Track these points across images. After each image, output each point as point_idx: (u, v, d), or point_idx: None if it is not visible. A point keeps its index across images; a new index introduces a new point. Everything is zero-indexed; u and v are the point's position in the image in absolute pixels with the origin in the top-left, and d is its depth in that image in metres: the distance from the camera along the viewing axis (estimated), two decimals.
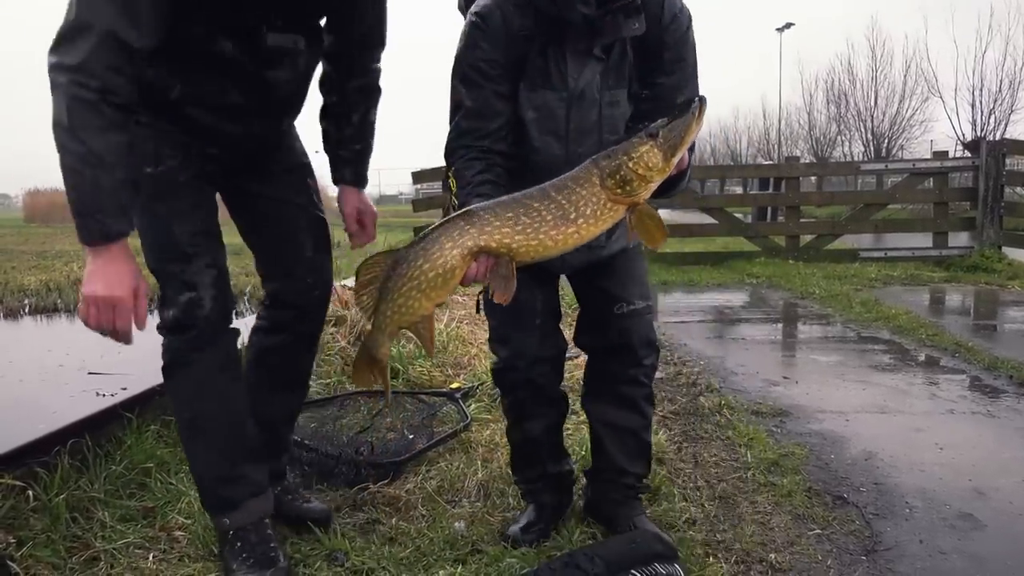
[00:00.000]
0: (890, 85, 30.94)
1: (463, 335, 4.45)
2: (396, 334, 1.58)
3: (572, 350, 2.19)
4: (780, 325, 5.89)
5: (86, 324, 1.53)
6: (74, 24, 1.45)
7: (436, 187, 10.18)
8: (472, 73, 1.77)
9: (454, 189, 1.78)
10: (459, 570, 1.79)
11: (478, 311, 1.98)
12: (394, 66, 2.20)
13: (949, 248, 9.07)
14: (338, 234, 2.21)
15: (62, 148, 1.48)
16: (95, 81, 1.44)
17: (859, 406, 3.43)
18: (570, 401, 2.15)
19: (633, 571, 1.66)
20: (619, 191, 1.50)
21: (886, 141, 31.62)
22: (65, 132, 1.47)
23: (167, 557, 1.90)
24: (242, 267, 6.21)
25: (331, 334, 3.68)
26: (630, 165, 1.49)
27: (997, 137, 19.54)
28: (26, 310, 7.97)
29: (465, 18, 1.95)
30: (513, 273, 1.52)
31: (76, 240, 1.49)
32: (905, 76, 29.86)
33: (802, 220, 10.02)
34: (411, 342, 4.30)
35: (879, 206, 9.86)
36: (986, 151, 8.79)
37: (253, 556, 1.77)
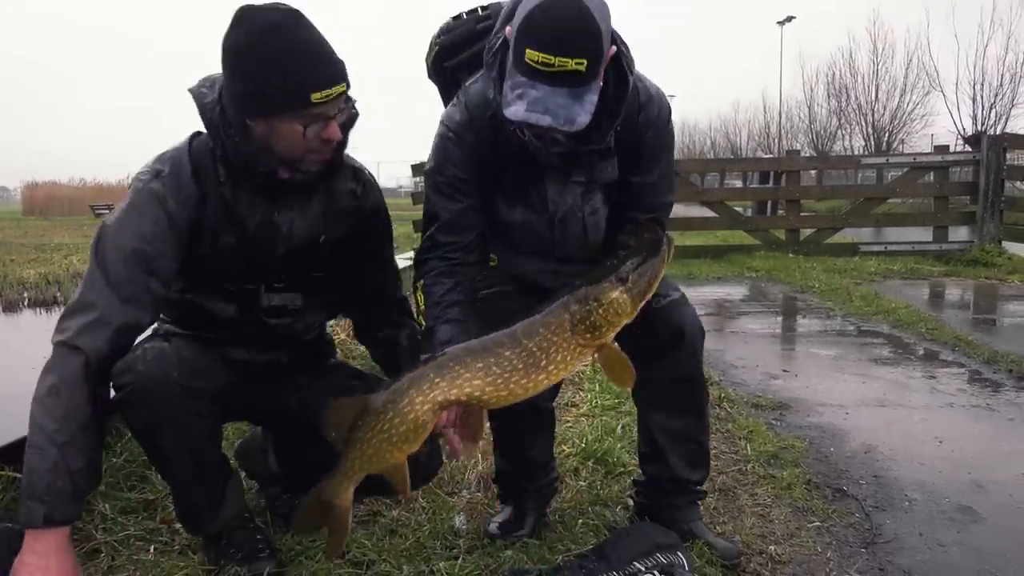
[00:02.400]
0: (891, 79, 30.98)
1: None
2: (361, 479, 1.52)
3: None
4: (780, 318, 5.90)
5: None
6: (79, 305, 1.56)
7: None
8: (446, 187, 1.72)
9: (421, 307, 1.73)
10: (459, 562, 1.79)
11: None
12: (392, 59, 2.17)
13: (949, 242, 9.08)
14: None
15: (33, 423, 1.50)
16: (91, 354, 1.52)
17: (859, 399, 3.43)
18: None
19: (636, 563, 1.66)
20: (588, 335, 1.49)
21: (887, 135, 31.62)
22: (41, 406, 1.50)
23: (168, 550, 1.89)
24: None
25: (330, 327, 3.67)
26: (600, 312, 1.48)
27: (998, 131, 19.55)
28: (25, 303, 7.96)
29: (439, 92, 1.96)
30: (483, 422, 1.50)
31: (74, 233, 1.49)
32: (906, 70, 29.90)
33: (802, 214, 10.01)
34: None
35: (879, 200, 9.85)
36: (987, 145, 8.79)
37: (241, 551, 1.77)
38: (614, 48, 1.54)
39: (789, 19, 36.96)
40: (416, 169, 9.45)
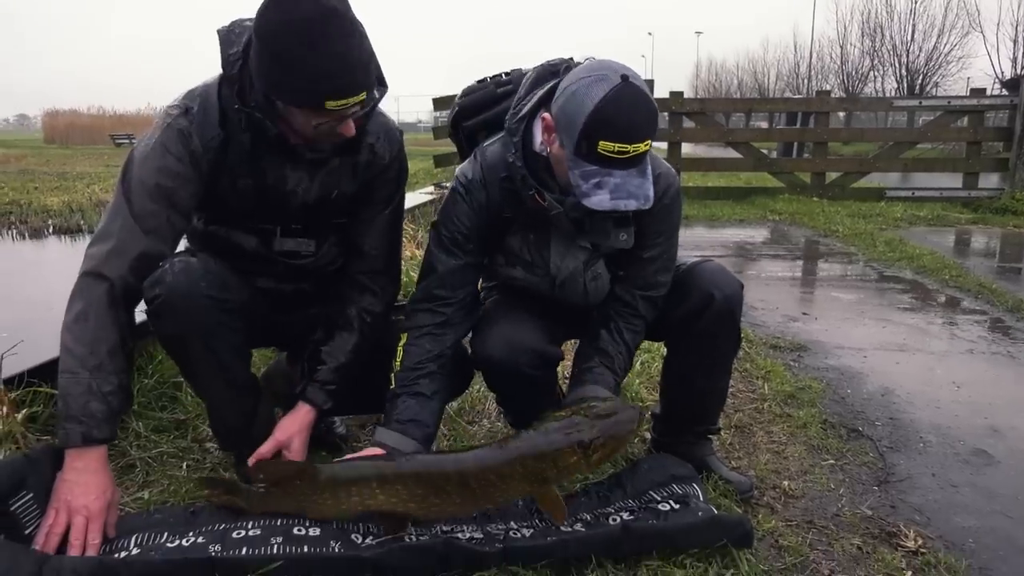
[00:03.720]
0: (929, 18, 29.86)
1: None
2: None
3: None
4: (801, 262, 5.85)
5: (48, 530, 1.45)
6: (104, 235, 1.60)
7: None
8: (449, 243, 1.75)
9: (399, 359, 1.78)
10: None
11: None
12: None
13: (979, 189, 8.89)
14: None
15: (64, 349, 1.54)
16: (117, 282, 1.56)
17: (878, 343, 3.43)
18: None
19: (651, 492, 1.70)
20: (536, 485, 1.53)
21: (920, 78, 30.65)
22: (70, 333, 1.53)
23: (199, 466, 1.97)
24: None
25: None
26: (554, 471, 1.51)
27: None
28: (50, 230, 8.06)
29: (457, 150, 1.97)
30: (407, 524, 1.54)
31: (95, 163, 1.50)
32: (945, 9, 28.76)
33: (829, 157, 9.82)
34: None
35: (909, 144, 9.62)
36: None
37: None
38: None
39: None
40: (437, 103, 9.31)
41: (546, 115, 1.58)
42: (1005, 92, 9.59)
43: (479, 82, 1.93)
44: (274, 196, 1.71)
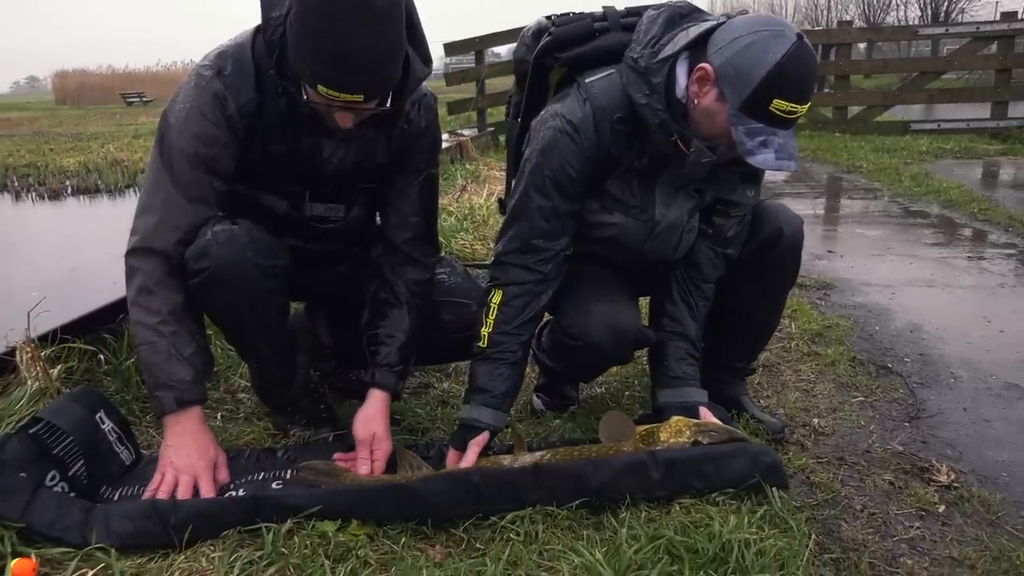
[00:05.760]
0: None
1: None
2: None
3: None
4: (824, 199, 5.76)
5: (154, 491, 1.49)
6: (148, 208, 1.58)
7: (469, 59, 9.85)
8: (553, 186, 1.63)
9: (491, 315, 1.67)
10: (509, 431, 1.85)
11: (501, 212, 1.91)
12: None
13: (1008, 119, 8.64)
14: None
15: (136, 323, 1.55)
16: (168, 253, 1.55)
17: (905, 280, 3.39)
18: None
19: None
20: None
21: (946, 3, 29.54)
22: (138, 307, 1.54)
23: (234, 417, 2.00)
24: None
25: None
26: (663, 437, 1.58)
27: None
28: (68, 191, 8.10)
29: (527, 77, 1.80)
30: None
31: (108, 122, 1.47)
32: None
33: (850, 91, 9.56)
34: (452, 216, 4.31)
35: (934, 75, 9.33)
36: None
37: (306, 417, 1.88)
38: None
39: None
40: (449, 48, 9.11)
41: (705, 65, 1.47)
42: None
43: (563, 15, 1.81)
44: (307, 163, 1.65)
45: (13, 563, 1.26)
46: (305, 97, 1.44)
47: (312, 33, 1.36)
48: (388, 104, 1.47)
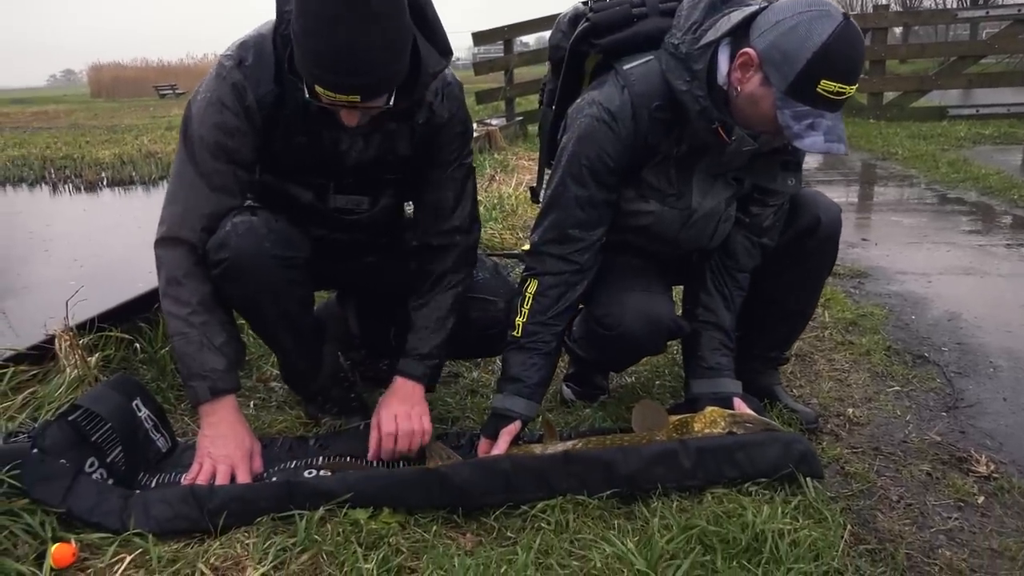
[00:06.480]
0: None
1: (530, 199, 4.42)
2: None
3: None
4: (858, 187, 5.65)
5: (192, 481, 1.52)
6: (173, 198, 1.60)
7: (498, 48, 9.81)
8: (589, 175, 1.61)
9: (526, 305, 1.66)
10: (539, 420, 1.85)
11: (534, 200, 1.90)
12: None
13: None
14: None
15: (168, 314, 1.57)
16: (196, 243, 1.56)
17: (943, 268, 3.32)
18: None
19: None
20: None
21: None
22: (169, 297, 1.56)
23: (266, 405, 2.03)
24: None
25: None
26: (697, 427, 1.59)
27: None
28: (104, 183, 8.25)
29: (560, 64, 1.78)
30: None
31: (142, 115, 1.48)
32: None
33: (886, 76, 9.35)
34: (481, 205, 4.30)
35: (973, 59, 9.08)
36: None
37: (337, 406, 1.90)
38: None
39: None
40: (477, 37, 9.09)
41: (748, 50, 1.44)
42: None
43: (600, 0, 1.75)
44: (328, 155, 1.65)
45: (54, 548, 1.29)
46: (307, 96, 1.43)
47: (308, 34, 1.35)
48: (392, 102, 1.45)
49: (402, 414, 1.65)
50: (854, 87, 1.41)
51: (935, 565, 1.36)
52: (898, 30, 15.64)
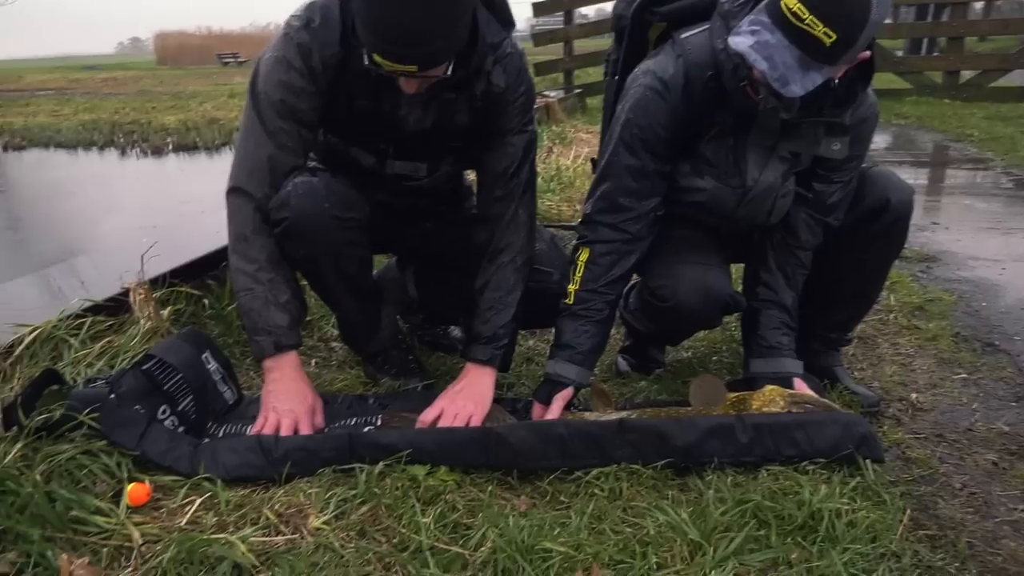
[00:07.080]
0: None
1: (588, 171, 4.38)
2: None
3: None
4: (928, 169, 5.44)
5: (259, 432, 1.56)
6: (239, 154, 1.63)
7: (557, 19, 9.69)
8: (641, 145, 1.61)
9: (578, 272, 1.68)
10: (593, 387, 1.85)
11: (594, 171, 1.86)
12: None
13: None
14: None
15: (235, 270, 1.61)
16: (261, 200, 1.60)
17: (1018, 255, 3.18)
18: None
19: None
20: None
21: None
22: (237, 254, 1.61)
23: (327, 364, 2.08)
24: None
25: None
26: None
27: None
28: (169, 148, 8.49)
29: (623, 34, 1.76)
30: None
31: (205, 82, 1.51)
32: None
33: (964, 54, 8.93)
34: (539, 176, 4.29)
35: None
36: None
37: (395, 367, 1.93)
38: (867, 54, 1.45)
39: None
40: (537, 8, 8.99)
41: None
42: None
43: None
44: (387, 120, 1.66)
45: (130, 487, 1.36)
46: (367, 62, 1.45)
47: (367, 3, 1.37)
48: (450, 72, 1.46)
49: (463, 414, 1.61)
50: (820, 24, 1.32)
51: (998, 555, 1.33)
52: (979, 5, 14.88)
